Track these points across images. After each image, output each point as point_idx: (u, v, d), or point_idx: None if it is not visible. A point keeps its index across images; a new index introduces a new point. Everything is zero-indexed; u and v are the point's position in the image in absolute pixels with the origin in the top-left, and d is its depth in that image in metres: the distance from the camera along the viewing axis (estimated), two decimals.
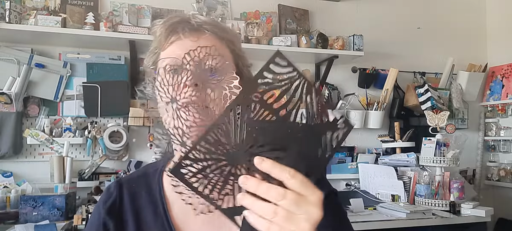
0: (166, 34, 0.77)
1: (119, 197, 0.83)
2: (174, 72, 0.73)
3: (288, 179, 0.54)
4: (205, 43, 0.75)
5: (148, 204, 0.82)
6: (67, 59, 2.62)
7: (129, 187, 0.84)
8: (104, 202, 0.83)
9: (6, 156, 2.45)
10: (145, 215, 0.81)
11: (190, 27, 0.76)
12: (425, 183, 2.66)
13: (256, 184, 0.54)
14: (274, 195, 0.53)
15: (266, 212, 0.53)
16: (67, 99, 2.60)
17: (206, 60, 0.72)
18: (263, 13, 3.00)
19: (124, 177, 0.89)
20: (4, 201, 2.21)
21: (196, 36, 0.76)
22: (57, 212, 2.14)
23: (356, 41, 2.98)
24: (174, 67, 0.74)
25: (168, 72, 0.74)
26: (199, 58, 0.71)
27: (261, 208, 0.54)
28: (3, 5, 2.31)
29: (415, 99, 3.17)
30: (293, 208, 0.53)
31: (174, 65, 0.74)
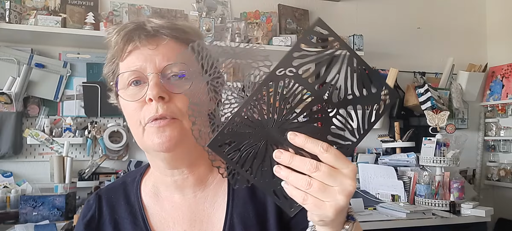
0: (123, 44, 0.72)
1: (98, 209, 0.83)
2: (136, 84, 0.71)
3: (322, 153, 0.55)
4: (165, 49, 0.71)
5: (127, 214, 0.81)
6: (67, 59, 2.62)
7: (108, 198, 0.84)
8: (84, 216, 0.83)
9: (6, 156, 2.45)
10: (124, 226, 0.80)
11: (146, 34, 0.72)
12: (425, 183, 2.66)
13: (290, 157, 0.55)
14: (308, 167, 0.55)
15: (301, 184, 0.55)
16: (67, 99, 2.60)
17: (168, 69, 0.70)
18: (263, 13, 3.00)
19: (103, 188, 0.88)
20: (4, 201, 2.21)
21: (154, 43, 0.72)
22: (57, 212, 2.14)
23: (356, 41, 2.98)
24: (135, 79, 0.71)
25: (129, 85, 0.72)
26: (161, 67, 0.69)
27: (297, 180, 0.55)
28: (3, 5, 2.31)
29: (415, 99, 3.17)
30: (328, 180, 0.54)
31: (135, 78, 0.71)
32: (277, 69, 0.55)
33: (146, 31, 0.72)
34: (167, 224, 0.79)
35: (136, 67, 0.71)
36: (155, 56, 0.71)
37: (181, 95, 0.69)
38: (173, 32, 0.73)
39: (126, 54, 0.73)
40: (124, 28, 0.73)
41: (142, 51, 0.71)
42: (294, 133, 0.55)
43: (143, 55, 0.71)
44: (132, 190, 0.84)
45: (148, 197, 0.82)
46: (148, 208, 0.81)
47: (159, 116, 0.69)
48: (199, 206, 0.79)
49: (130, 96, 0.72)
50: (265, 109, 0.55)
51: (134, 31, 0.72)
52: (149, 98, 0.68)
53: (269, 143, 0.57)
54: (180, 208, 0.80)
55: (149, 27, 0.72)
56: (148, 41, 0.71)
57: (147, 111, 0.70)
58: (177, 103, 0.69)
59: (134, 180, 0.85)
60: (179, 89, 0.69)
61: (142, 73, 0.70)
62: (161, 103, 0.68)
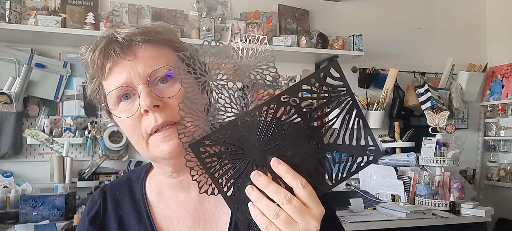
0: (100, 62, 0.71)
1: (103, 205, 0.83)
2: (126, 98, 0.71)
3: (299, 188, 0.55)
4: (144, 56, 0.70)
5: (132, 211, 0.81)
6: (67, 59, 2.62)
7: (113, 194, 0.84)
8: (88, 211, 0.83)
9: (6, 156, 2.45)
10: (129, 222, 0.80)
11: (120, 46, 0.70)
12: (425, 183, 2.66)
13: (267, 182, 0.56)
14: (282, 198, 0.55)
15: (269, 211, 0.55)
16: (67, 99, 2.60)
17: (153, 75, 0.69)
18: (263, 13, 3.00)
19: (108, 184, 0.88)
20: (4, 201, 2.21)
21: (131, 54, 0.70)
22: (57, 212, 2.14)
23: (356, 41, 2.98)
24: (124, 93, 0.71)
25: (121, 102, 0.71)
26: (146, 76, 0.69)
27: (266, 206, 0.55)
28: (3, 5, 2.31)
29: (415, 99, 3.17)
30: (295, 216, 0.55)
31: (124, 92, 0.71)
32: (283, 95, 0.56)
33: (119, 43, 0.70)
34: (171, 221, 0.80)
35: (122, 82, 0.70)
36: (137, 66, 0.70)
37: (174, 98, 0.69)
38: (145, 37, 0.72)
39: (107, 71, 0.71)
40: (96, 46, 0.72)
41: (123, 65, 0.70)
42: (278, 160, 0.56)
43: (125, 69, 0.70)
44: (137, 187, 0.84)
45: (152, 195, 0.82)
46: (152, 205, 0.81)
47: (160, 125, 0.68)
48: (204, 205, 0.80)
49: (124, 112, 0.71)
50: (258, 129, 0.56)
51: (107, 46, 0.71)
52: (145, 110, 0.67)
53: (250, 162, 0.57)
54: (185, 206, 0.80)
55: (120, 38, 0.70)
56: (124, 53, 0.70)
57: (146, 123, 0.69)
58: (173, 106, 0.68)
59: (139, 177, 0.85)
60: (170, 93, 0.69)
61: (129, 86, 0.70)
62: (158, 111, 0.68)
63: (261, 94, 0.58)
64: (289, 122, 0.57)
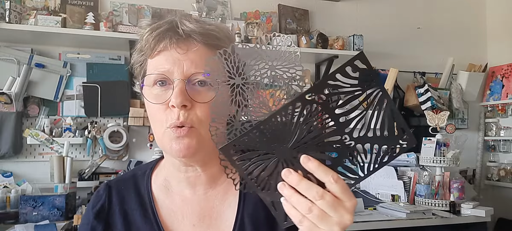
0: (154, 43, 0.73)
1: (108, 200, 0.83)
2: (162, 84, 0.72)
3: (331, 183, 0.56)
4: (194, 55, 0.72)
5: (137, 205, 0.82)
6: (67, 59, 2.62)
7: (118, 189, 0.84)
8: (93, 206, 0.83)
9: (6, 156, 2.45)
10: (134, 217, 0.81)
11: (177, 38, 0.72)
12: (425, 183, 2.66)
13: (298, 179, 0.57)
14: (314, 194, 0.56)
15: (302, 207, 0.57)
16: (67, 99, 2.60)
17: (194, 76, 0.71)
18: (263, 13, 3.00)
19: (113, 179, 0.89)
20: (4, 201, 2.21)
21: (184, 47, 0.72)
22: (57, 212, 2.14)
23: (356, 41, 2.98)
24: (161, 80, 0.73)
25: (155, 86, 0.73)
26: (188, 74, 0.70)
27: (298, 202, 0.57)
28: (3, 5, 2.31)
29: (415, 99, 3.17)
30: (329, 210, 0.56)
31: (161, 79, 0.72)
32: (307, 93, 0.56)
33: (178, 34, 0.72)
34: (176, 217, 0.80)
35: (163, 69, 0.72)
36: (183, 61, 0.71)
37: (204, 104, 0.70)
38: (204, 38, 0.73)
39: (156, 53, 0.73)
40: (157, 28, 0.73)
41: (172, 54, 0.72)
42: (308, 157, 0.57)
43: (172, 58, 0.72)
44: (142, 183, 0.85)
45: (158, 190, 0.83)
46: (158, 201, 0.82)
47: (179, 124, 0.70)
48: (209, 203, 0.80)
49: (155, 97, 0.73)
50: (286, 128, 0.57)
51: (166, 32, 0.72)
52: (172, 104, 0.69)
53: (280, 160, 0.58)
54: (190, 203, 0.81)
55: (181, 30, 0.72)
56: (178, 44, 0.72)
57: (169, 116, 0.71)
58: (197, 111, 0.70)
59: (145, 173, 0.86)
60: (202, 98, 0.70)
61: (168, 76, 0.71)
62: (183, 111, 0.70)
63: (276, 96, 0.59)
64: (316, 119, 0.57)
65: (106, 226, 0.80)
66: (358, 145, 0.59)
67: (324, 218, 0.56)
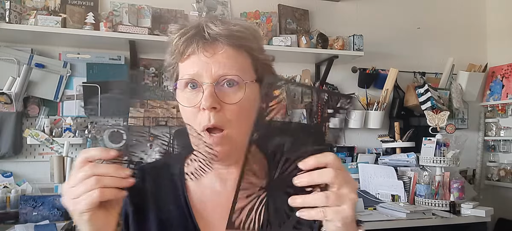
0: (183, 48, 0.77)
1: (142, 181, 0.85)
2: (193, 87, 0.76)
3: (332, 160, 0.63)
4: (221, 57, 0.75)
5: (169, 191, 0.85)
6: (67, 59, 2.62)
7: (151, 173, 0.87)
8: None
9: (6, 156, 2.45)
10: (166, 202, 0.84)
11: (204, 41, 0.75)
12: (425, 183, 2.66)
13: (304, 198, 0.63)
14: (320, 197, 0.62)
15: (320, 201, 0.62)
16: (67, 99, 2.60)
17: (223, 78, 0.74)
18: (263, 13, 3.00)
19: (146, 163, 0.91)
20: (4, 201, 2.21)
21: (211, 50, 0.75)
22: (57, 212, 2.14)
23: (356, 41, 2.98)
24: (191, 83, 0.76)
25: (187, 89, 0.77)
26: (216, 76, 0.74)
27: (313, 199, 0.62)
28: (3, 5, 2.31)
29: (415, 99, 3.17)
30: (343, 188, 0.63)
31: (191, 83, 0.76)
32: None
33: (204, 38, 0.75)
34: (205, 206, 0.83)
35: (193, 72, 0.75)
36: (212, 64, 0.74)
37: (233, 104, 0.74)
38: (229, 40, 0.76)
39: (185, 57, 0.77)
40: (185, 34, 0.77)
41: (200, 57, 0.75)
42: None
43: (200, 62, 0.75)
44: (175, 170, 0.87)
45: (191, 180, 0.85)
46: (190, 190, 0.85)
47: (211, 125, 0.74)
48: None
49: (187, 100, 0.77)
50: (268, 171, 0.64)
51: (193, 37, 0.76)
52: (202, 107, 0.73)
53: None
54: (219, 197, 0.83)
55: (206, 33, 0.75)
56: (205, 48, 0.75)
57: (202, 118, 0.74)
58: (227, 113, 0.74)
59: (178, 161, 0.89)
60: (230, 99, 0.74)
61: (198, 80, 0.75)
62: (213, 112, 0.73)
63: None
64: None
65: (137, 206, 0.83)
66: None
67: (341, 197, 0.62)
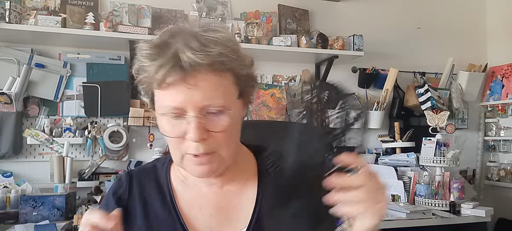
0: (161, 77, 0.70)
1: (129, 187, 0.87)
2: (177, 118, 0.73)
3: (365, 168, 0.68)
4: (204, 87, 0.71)
5: (156, 194, 0.86)
6: (67, 59, 2.62)
7: (138, 178, 0.88)
8: (114, 192, 0.87)
9: (6, 156, 2.45)
10: (153, 205, 0.85)
11: (184, 72, 0.70)
12: (425, 183, 2.66)
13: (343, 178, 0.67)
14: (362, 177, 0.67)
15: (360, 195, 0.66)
16: (67, 99, 2.60)
17: (208, 108, 0.72)
18: (263, 13, 3.00)
19: (134, 169, 0.93)
20: (4, 201, 2.21)
21: (192, 81, 0.70)
22: (57, 212, 2.14)
23: (356, 41, 2.98)
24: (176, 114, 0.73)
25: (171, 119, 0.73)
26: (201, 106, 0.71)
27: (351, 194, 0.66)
28: (3, 5, 2.31)
29: (415, 99, 3.17)
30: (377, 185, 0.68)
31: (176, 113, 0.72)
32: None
33: (183, 68, 0.70)
34: (194, 207, 0.84)
35: (175, 104, 0.71)
36: (194, 94, 0.71)
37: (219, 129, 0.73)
38: (210, 68, 0.71)
39: (165, 86, 0.71)
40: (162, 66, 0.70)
41: (180, 88, 0.71)
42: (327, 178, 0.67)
43: (182, 93, 0.71)
44: (161, 173, 0.89)
45: (176, 182, 0.87)
46: (176, 191, 0.86)
47: (199, 154, 0.73)
48: (225, 196, 0.85)
49: (170, 129, 0.74)
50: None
51: (172, 69, 0.70)
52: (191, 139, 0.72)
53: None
54: (207, 197, 0.85)
55: (185, 63, 0.69)
56: (185, 79, 0.70)
57: (189, 147, 0.73)
58: (215, 139, 0.73)
59: (164, 165, 0.90)
60: (219, 126, 0.73)
61: (182, 112, 0.72)
62: (202, 142, 0.72)
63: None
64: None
65: (125, 212, 0.84)
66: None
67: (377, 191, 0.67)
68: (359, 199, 0.66)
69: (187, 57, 0.69)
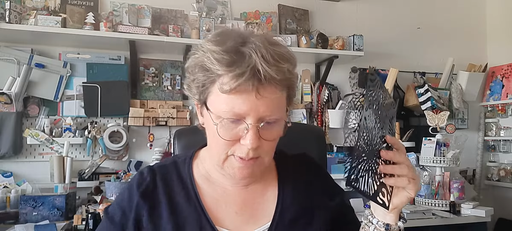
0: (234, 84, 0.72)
1: (153, 181, 0.87)
2: (233, 122, 0.75)
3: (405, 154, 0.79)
4: (270, 99, 0.74)
5: (180, 189, 0.86)
6: (67, 59, 2.62)
7: (161, 173, 0.89)
8: (139, 185, 0.87)
9: (6, 156, 2.45)
10: (178, 200, 0.85)
11: (259, 84, 0.73)
12: (425, 183, 2.66)
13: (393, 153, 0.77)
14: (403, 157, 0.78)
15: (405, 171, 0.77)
16: (67, 99, 2.60)
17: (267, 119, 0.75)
18: (263, 13, 3.00)
19: (154, 164, 0.93)
20: (4, 201, 2.21)
21: (264, 93, 0.73)
22: (57, 212, 2.14)
23: (356, 41, 2.98)
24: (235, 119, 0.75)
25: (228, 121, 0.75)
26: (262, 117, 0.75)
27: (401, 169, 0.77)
28: (3, 5, 2.31)
29: (415, 99, 3.17)
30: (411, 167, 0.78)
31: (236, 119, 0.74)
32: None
33: (260, 81, 0.72)
34: (219, 204, 0.86)
35: (240, 111, 0.73)
36: (260, 105, 0.74)
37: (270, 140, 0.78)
38: (282, 85, 0.76)
39: (233, 91, 0.73)
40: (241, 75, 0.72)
41: (250, 97, 0.73)
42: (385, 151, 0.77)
43: (249, 102, 0.73)
44: (183, 169, 0.90)
45: (200, 179, 0.88)
46: (200, 188, 0.87)
47: (247, 158, 0.77)
48: (249, 195, 0.88)
49: (225, 131, 0.75)
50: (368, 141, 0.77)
51: (248, 78, 0.72)
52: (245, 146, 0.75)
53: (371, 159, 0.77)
54: (231, 194, 0.87)
55: (263, 76, 0.72)
56: (258, 90, 0.73)
57: (238, 149, 0.77)
58: (265, 146, 0.77)
59: (185, 161, 0.91)
60: (271, 135, 0.77)
61: (242, 118, 0.74)
62: (252, 149, 0.76)
63: None
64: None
65: (152, 205, 0.84)
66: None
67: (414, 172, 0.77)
68: (403, 173, 0.76)
69: (264, 71, 0.72)
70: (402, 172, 0.76)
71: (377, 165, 0.78)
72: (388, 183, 0.77)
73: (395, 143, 0.79)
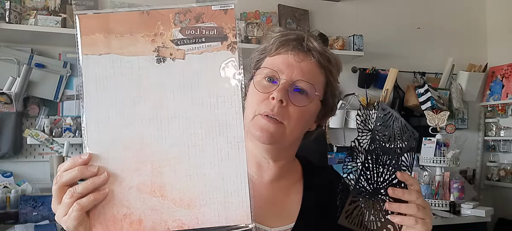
0: (278, 44, 0.84)
1: None
2: (269, 80, 0.83)
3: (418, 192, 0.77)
4: (306, 66, 0.83)
5: None
6: (67, 59, 2.62)
7: None
8: None
9: (6, 156, 2.45)
10: None
11: (299, 49, 0.83)
12: (425, 183, 2.66)
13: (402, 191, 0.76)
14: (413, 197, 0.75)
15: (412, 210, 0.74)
16: (67, 99, 2.60)
17: (298, 82, 0.82)
18: (263, 13, 3.00)
19: None
20: (4, 201, 2.21)
21: (301, 57, 0.83)
22: None
23: (356, 41, 2.98)
24: (270, 76, 0.83)
25: (264, 79, 0.83)
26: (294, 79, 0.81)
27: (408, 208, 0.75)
28: (3, 5, 2.31)
29: (415, 99, 3.17)
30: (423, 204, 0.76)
31: (271, 76, 0.83)
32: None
33: (301, 46, 0.84)
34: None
35: (277, 68, 0.83)
36: (295, 68, 0.82)
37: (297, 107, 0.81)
38: (320, 57, 0.85)
39: (275, 53, 0.85)
40: (287, 35, 0.86)
41: (288, 58, 0.83)
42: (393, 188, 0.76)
43: (287, 62, 0.83)
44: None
45: None
46: None
47: (271, 114, 0.80)
48: (273, 192, 0.89)
49: (261, 87, 0.83)
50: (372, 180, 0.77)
51: (293, 41, 0.85)
52: (272, 97, 0.80)
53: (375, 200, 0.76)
54: (256, 189, 0.86)
55: (305, 44, 0.84)
56: (297, 53, 0.83)
57: (267, 105, 0.81)
58: (290, 109, 0.81)
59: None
60: (297, 101, 0.81)
61: (278, 74, 0.82)
62: (279, 105, 0.80)
63: None
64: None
65: None
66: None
67: (424, 210, 0.74)
68: (410, 213, 0.74)
69: (309, 42, 0.85)
70: (409, 211, 0.75)
71: (382, 202, 0.76)
72: (394, 221, 0.76)
73: (407, 179, 0.77)
